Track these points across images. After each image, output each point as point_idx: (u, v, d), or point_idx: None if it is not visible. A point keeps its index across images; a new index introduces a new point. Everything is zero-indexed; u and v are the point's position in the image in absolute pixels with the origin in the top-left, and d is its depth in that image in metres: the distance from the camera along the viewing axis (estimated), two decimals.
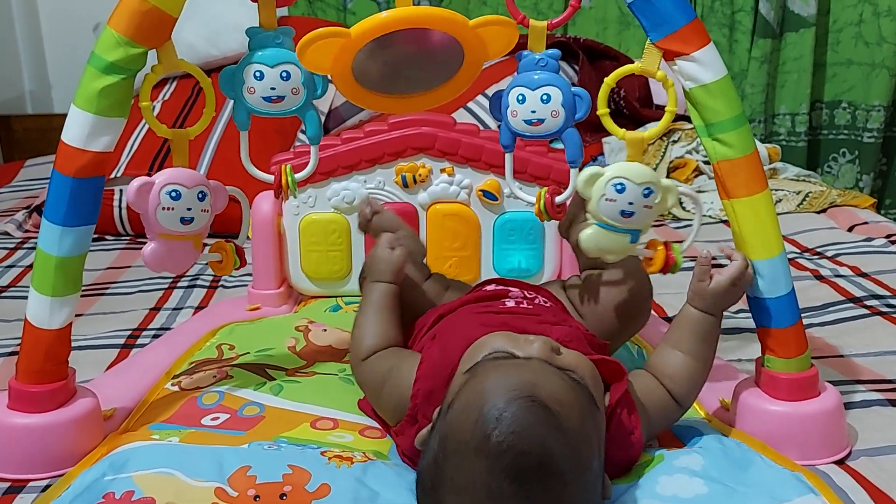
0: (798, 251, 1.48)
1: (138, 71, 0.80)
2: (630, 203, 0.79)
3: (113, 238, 1.63)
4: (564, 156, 0.85)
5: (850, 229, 1.58)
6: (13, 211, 1.78)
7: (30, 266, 0.83)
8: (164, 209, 0.83)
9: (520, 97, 0.83)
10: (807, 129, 2.25)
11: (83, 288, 0.84)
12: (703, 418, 0.88)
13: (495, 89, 0.87)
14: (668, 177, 1.85)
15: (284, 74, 0.85)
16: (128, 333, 1.16)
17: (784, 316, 0.82)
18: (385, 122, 1.21)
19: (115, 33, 0.77)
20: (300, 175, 0.92)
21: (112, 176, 1.65)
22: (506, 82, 0.86)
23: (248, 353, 1.03)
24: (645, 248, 0.84)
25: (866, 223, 1.58)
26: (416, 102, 0.89)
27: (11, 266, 1.46)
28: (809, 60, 2.19)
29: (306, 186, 1.20)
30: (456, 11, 0.81)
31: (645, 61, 0.80)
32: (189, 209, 0.84)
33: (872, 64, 2.19)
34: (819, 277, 1.33)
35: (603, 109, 0.81)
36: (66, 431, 0.81)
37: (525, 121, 0.83)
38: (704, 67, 0.79)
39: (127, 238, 1.63)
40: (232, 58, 0.83)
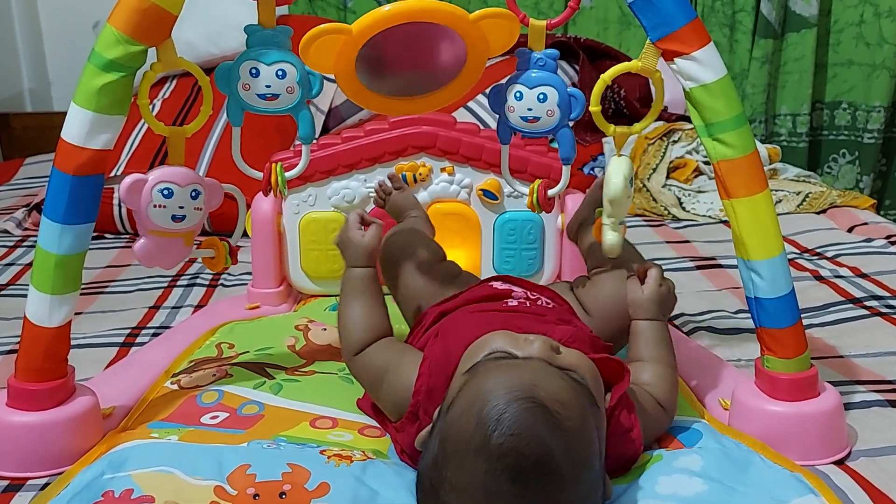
0: (798, 252, 1.48)
1: (138, 69, 0.80)
2: (628, 197, 0.84)
3: (112, 236, 1.63)
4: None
5: (850, 230, 1.58)
6: (13, 209, 1.78)
7: (29, 264, 0.83)
8: (156, 207, 0.83)
9: (517, 94, 0.83)
10: (807, 130, 2.25)
11: (83, 286, 0.84)
12: (703, 419, 0.87)
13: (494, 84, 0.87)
14: (669, 177, 1.85)
15: (280, 73, 0.85)
16: (127, 332, 1.16)
17: (784, 316, 0.82)
18: (386, 121, 1.21)
19: (115, 31, 0.77)
20: (291, 173, 0.92)
21: (112, 174, 1.64)
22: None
23: (248, 352, 1.03)
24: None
25: (866, 224, 1.58)
26: (419, 105, 0.88)
27: (11, 264, 1.46)
28: (810, 61, 2.19)
29: (306, 185, 1.19)
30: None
31: (644, 60, 0.80)
32: (181, 207, 0.84)
33: (873, 65, 2.19)
34: (819, 278, 1.33)
35: (595, 107, 0.82)
36: (65, 429, 0.81)
37: (522, 117, 0.84)
38: (704, 67, 0.79)
39: (126, 237, 1.63)
40: (232, 56, 0.83)
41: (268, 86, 0.85)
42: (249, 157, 0.90)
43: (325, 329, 1.10)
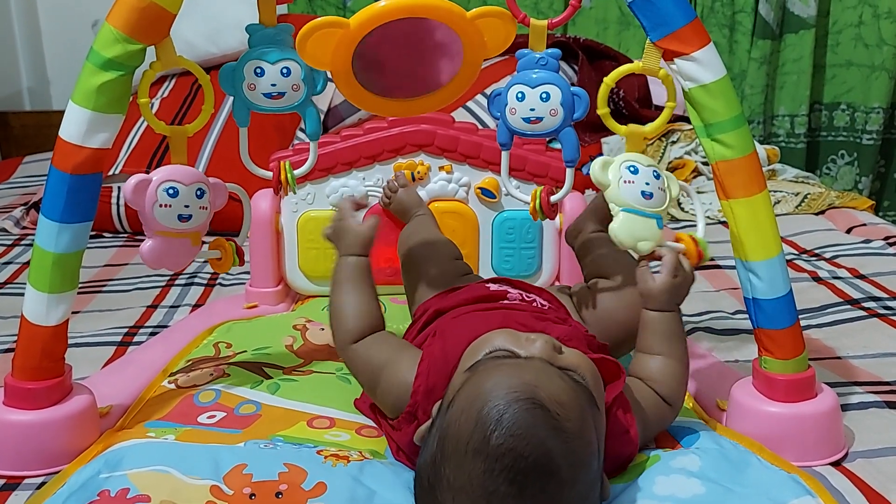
0: (796, 253, 1.48)
1: (137, 67, 0.80)
2: (647, 184, 0.80)
3: (111, 235, 1.63)
4: (562, 154, 0.85)
5: (849, 231, 1.58)
6: (11, 207, 1.78)
7: (27, 263, 0.82)
8: (162, 206, 0.82)
9: (519, 95, 0.83)
10: (806, 131, 2.25)
11: (80, 285, 0.84)
12: (701, 419, 0.87)
13: (494, 89, 0.87)
14: None
15: (285, 71, 0.85)
16: (125, 331, 1.16)
17: (782, 317, 0.82)
18: (384, 120, 1.21)
19: (114, 29, 0.77)
20: (299, 171, 0.92)
21: (110, 173, 1.65)
22: (505, 82, 0.86)
23: (246, 352, 1.03)
24: (675, 242, 0.83)
25: (864, 225, 1.58)
26: (416, 106, 0.88)
27: (9, 263, 1.46)
28: (809, 62, 2.19)
29: (305, 183, 1.19)
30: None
31: (646, 60, 0.80)
32: (187, 206, 0.84)
33: (872, 66, 2.19)
34: (817, 279, 1.33)
35: (603, 109, 0.81)
36: (62, 428, 0.81)
37: (524, 118, 0.84)
38: (704, 67, 0.79)
39: (125, 235, 1.63)
40: (231, 55, 0.83)
41: (273, 84, 0.85)
42: (250, 156, 0.90)
43: (323, 329, 1.10)
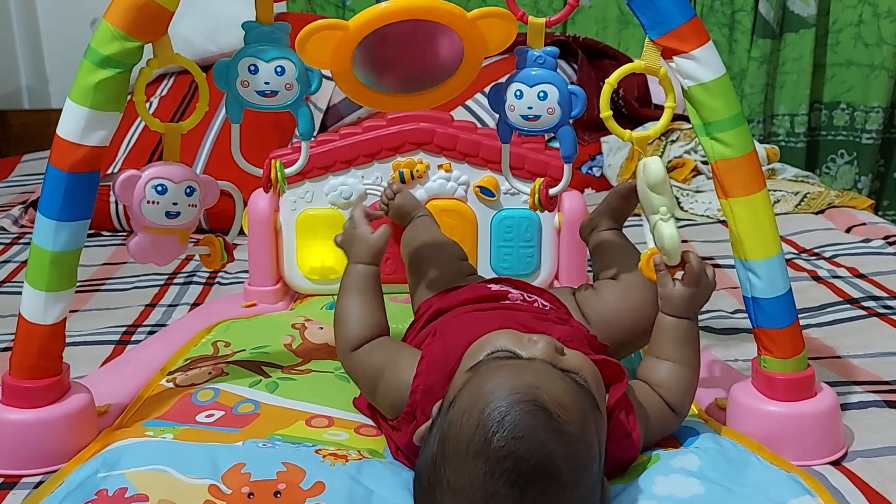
0: (796, 252, 1.48)
1: (134, 65, 0.79)
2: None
3: (109, 234, 1.63)
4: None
5: (848, 230, 1.58)
6: (10, 206, 1.78)
7: (25, 261, 0.82)
8: (150, 203, 0.83)
9: (517, 93, 0.83)
10: (806, 130, 2.25)
11: (78, 284, 0.84)
12: (700, 419, 0.87)
13: (494, 82, 0.87)
14: None
15: (279, 69, 0.85)
16: (123, 329, 1.16)
17: (781, 316, 0.81)
18: (383, 118, 1.21)
19: (111, 27, 0.77)
20: (290, 170, 0.92)
21: (109, 171, 1.65)
22: (504, 80, 0.86)
23: (244, 350, 1.02)
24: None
25: (864, 224, 1.58)
26: (417, 101, 0.88)
27: (7, 261, 1.46)
28: (809, 61, 2.19)
29: (303, 181, 1.19)
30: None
31: (646, 59, 0.80)
32: (175, 203, 0.84)
33: (871, 65, 2.19)
34: (816, 278, 1.33)
35: (606, 112, 0.81)
36: (60, 427, 0.81)
37: (522, 116, 0.84)
38: (703, 66, 0.79)
39: (123, 234, 1.63)
40: (229, 53, 0.83)
41: (266, 82, 0.85)
42: (247, 155, 0.90)
43: (322, 328, 1.10)
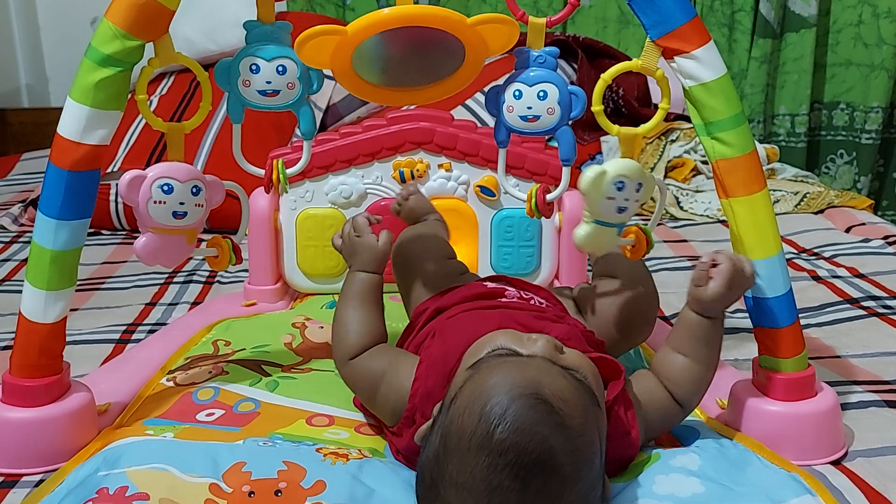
0: (795, 252, 1.48)
1: (135, 64, 0.79)
2: (626, 199, 0.80)
3: (109, 233, 1.63)
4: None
5: (848, 230, 1.58)
6: (9, 205, 1.78)
7: (25, 260, 0.82)
8: (156, 203, 0.82)
9: (516, 93, 0.83)
10: (806, 130, 2.25)
11: (79, 282, 0.84)
12: (700, 418, 0.87)
13: (491, 85, 0.87)
14: (666, 176, 1.85)
15: (281, 69, 0.85)
16: (123, 328, 1.16)
17: (782, 316, 0.82)
18: (383, 117, 1.21)
19: (112, 25, 0.77)
20: (292, 170, 0.92)
21: (109, 170, 1.65)
22: (504, 80, 0.86)
23: (244, 349, 1.02)
24: (622, 238, 0.85)
25: (864, 224, 1.58)
26: (419, 95, 0.88)
27: (7, 260, 1.46)
28: (809, 61, 2.19)
29: (303, 181, 1.19)
30: (455, 9, 0.80)
31: (645, 59, 0.80)
32: (182, 203, 0.83)
33: (871, 65, 2.19)
34: (816, 278, 1.33)
35: (598, 106, 0.81)
36: (61, 426, 0.81)
37: (521, 116, 0.84)
38: (704, 66, 0.79)
39: (123, 233, 1.63)
40: (230, 53, 0.83)
41: (268, 82, 0.85)
42: (247, 154, 0.90)
43: (322, 327, 1.10)
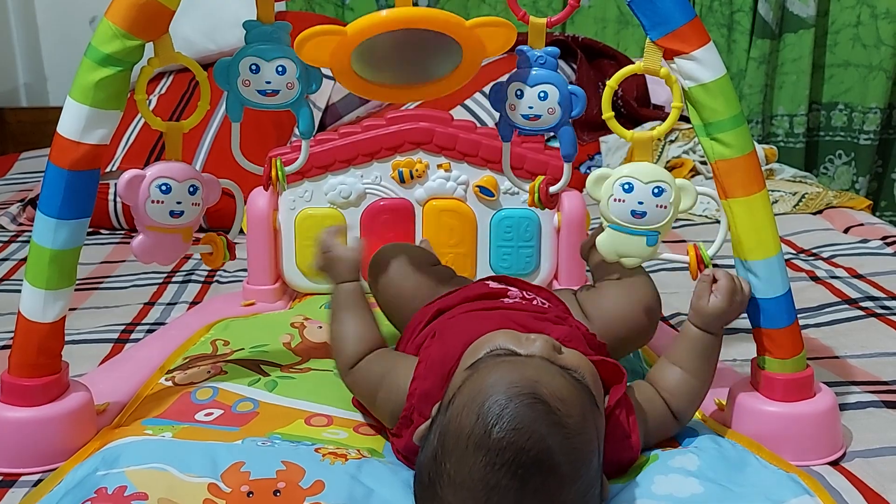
0: (794, 252, 1.48)
1: (135, 63, 0.80)
2: (640, 203, 0.79)
3: (108, 232, 1.63)
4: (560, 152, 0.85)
5: (846, 231, 1.59)
6: (8, 204, 1.78)
7: (24, 259, 0.82)
8: (154, 202, 0.83)
9: (518, 92, 0.83)
10: (804, 131, 2.25)
11: (77, 282, 0.84)
12: (699, 419, 0.87)
13: (495, 81, 0.87)
14: None
15: (280, 69, 0.85)
16: (122, 328, 1.16)
17: (780, 316, 0.82)
18: (382, 117, 1.21)
19: (112, 25, 0.77)
20: (290, 168, 0.92)
21: (108, 170, 1.65)
22: (504, 79, 0.86)
23: (243, 349, 1.02)
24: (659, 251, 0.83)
25: (862, 225, 1.58)
26: (416, 92, 0.88)
27: (5, 259, 1.46)
28: (808, 62, 2.19)
29: (303, 181, 1.19)
30: (454, 10, 0.81)
31: (647, 60, 0.80)
32: (179, 203, 0.84)
33: (870, 66, 2.19)
34: (815, 279, 1.33)
35: (608, 113, 0.81)
36: (59, 426, 0.81)
37: (522, 115, 0.84)
38: (704, 66, 0.79)
39: (122, 232, 1.63)
40: (229, 52, 0.83)
41: (268, 81, 0.85)
42: (246, 153, 0.91)
43: (321, 327, 1.10)
